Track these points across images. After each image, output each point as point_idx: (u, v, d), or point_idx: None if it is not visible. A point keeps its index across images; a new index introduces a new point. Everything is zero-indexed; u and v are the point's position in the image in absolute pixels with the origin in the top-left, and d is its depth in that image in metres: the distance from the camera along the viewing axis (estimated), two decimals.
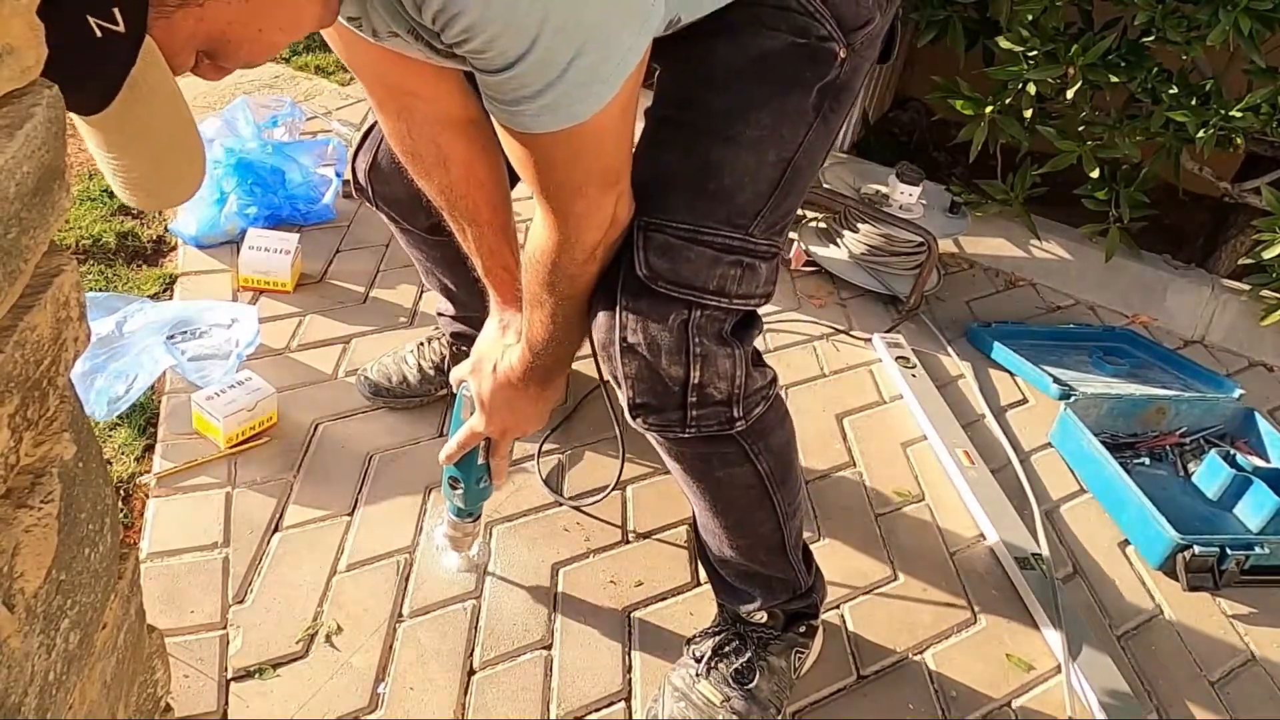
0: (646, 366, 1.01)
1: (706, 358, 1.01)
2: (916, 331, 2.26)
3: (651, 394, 1.03)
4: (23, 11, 0.54)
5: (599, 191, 0.95)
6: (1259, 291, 2.36)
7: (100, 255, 2.03)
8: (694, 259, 0.99)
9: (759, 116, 1.00)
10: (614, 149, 0.93)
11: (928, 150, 3.18)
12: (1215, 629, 1.61)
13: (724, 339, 1.03)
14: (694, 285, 1.00)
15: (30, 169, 0.57)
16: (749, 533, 1.21)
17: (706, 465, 1.12)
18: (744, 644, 1.30)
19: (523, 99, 0.85)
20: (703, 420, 1.05)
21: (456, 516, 1.40)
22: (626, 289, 1.00)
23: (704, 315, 1.01)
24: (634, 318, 1.00)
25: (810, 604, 1.33)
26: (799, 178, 1.05)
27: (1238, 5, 2.00)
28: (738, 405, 1.05)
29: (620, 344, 1.01)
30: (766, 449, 1.13)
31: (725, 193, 1.01)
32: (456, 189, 1.24)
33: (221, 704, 1.24)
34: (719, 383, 1.03)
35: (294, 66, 3.09)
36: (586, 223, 0.97)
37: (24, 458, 0.61)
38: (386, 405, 1.73)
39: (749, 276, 1.02)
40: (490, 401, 1.21)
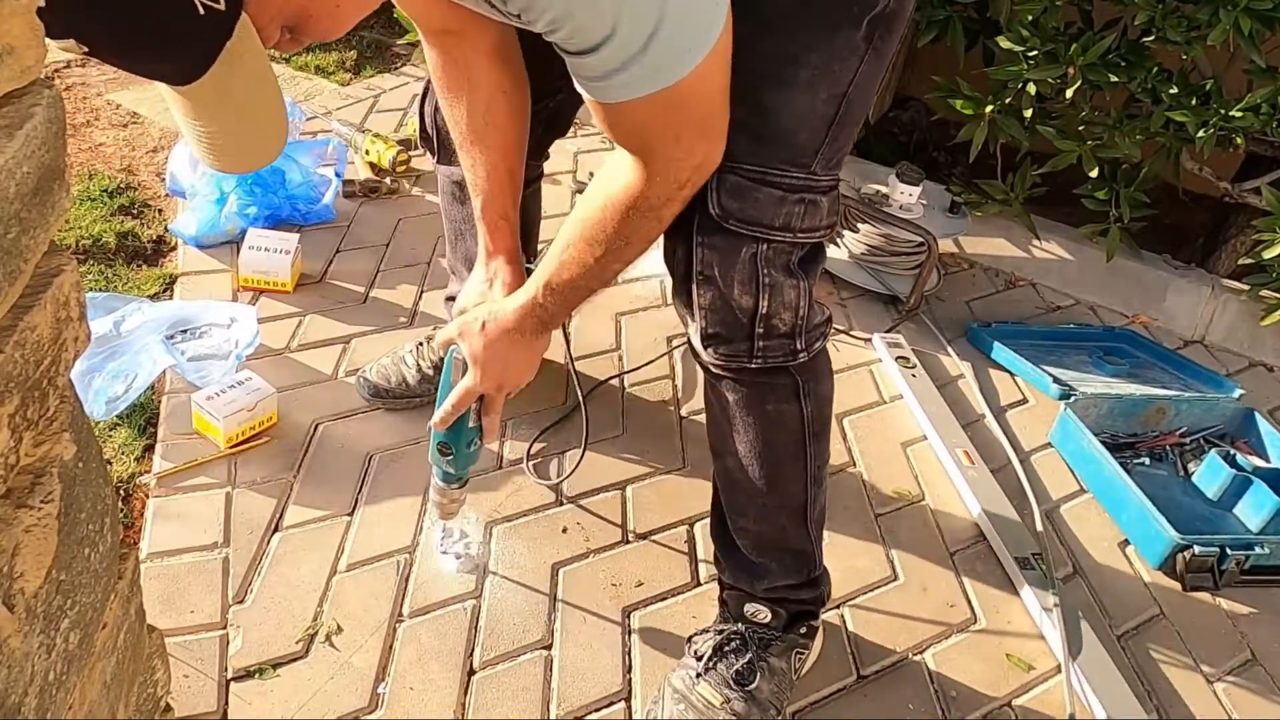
0: (720, 297, 1.09)
1: (774, 288, 1.09)
2: (916, 331, 2.26)
3: (723, 324, 1.11)
4: (23, 11, 0.54)
5: (696, 137, 0.99)
6: (1259, 291, 2.36)
7: (100, 255, 2.03)
8: (761, 199, 1.05)
9: (809, 57, 1.02)
10: (709, 103, 0.97)
11: (928, 150, 3.18)
12: (1215, 629, 1.61)
13: (791, 270, 1.10)
14: (761, 223, 1.06)
15: (30, 169, 0.57)
16: (778, 489, 1.24)
17: (761, 398, 1.18)
18: (745, 644, 1.30)
19: (610, 72, 0.89)
20: (768, 351, 1.13)
21: (444, 483, 1.36)
22: (702, 227, 1.07)
23: (772, 249, 1.08)
24: (710, 252, 1.07)
25: (816, 597, 1.34)
26: (853, 110, 1.08)
27: (1238, 5, 2.00)
28: (800, 337, 1.13)
29: (698, 276, 1.09)
30: (815, 393, 1.20)
31: (785, 135, 1.04)
32: (474, 118, 1.28)
33: (221, 704, 1.24)
34: (784, 313, 1.11)
35: (294, 66, 3.09)
36: (677, 165, 1.00)
37: (24, 458, 0.61)
38: (386, 407, 1.73)
39: (811, 211, 1.08)
40: (484, 356, 1.20)
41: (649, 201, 1.02)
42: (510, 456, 1.69)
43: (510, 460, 1.69)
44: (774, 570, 1.28)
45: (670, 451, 1.76)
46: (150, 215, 2.23)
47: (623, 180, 1.02)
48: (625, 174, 1.02)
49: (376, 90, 2.99)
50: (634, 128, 0.97)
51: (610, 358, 1.99)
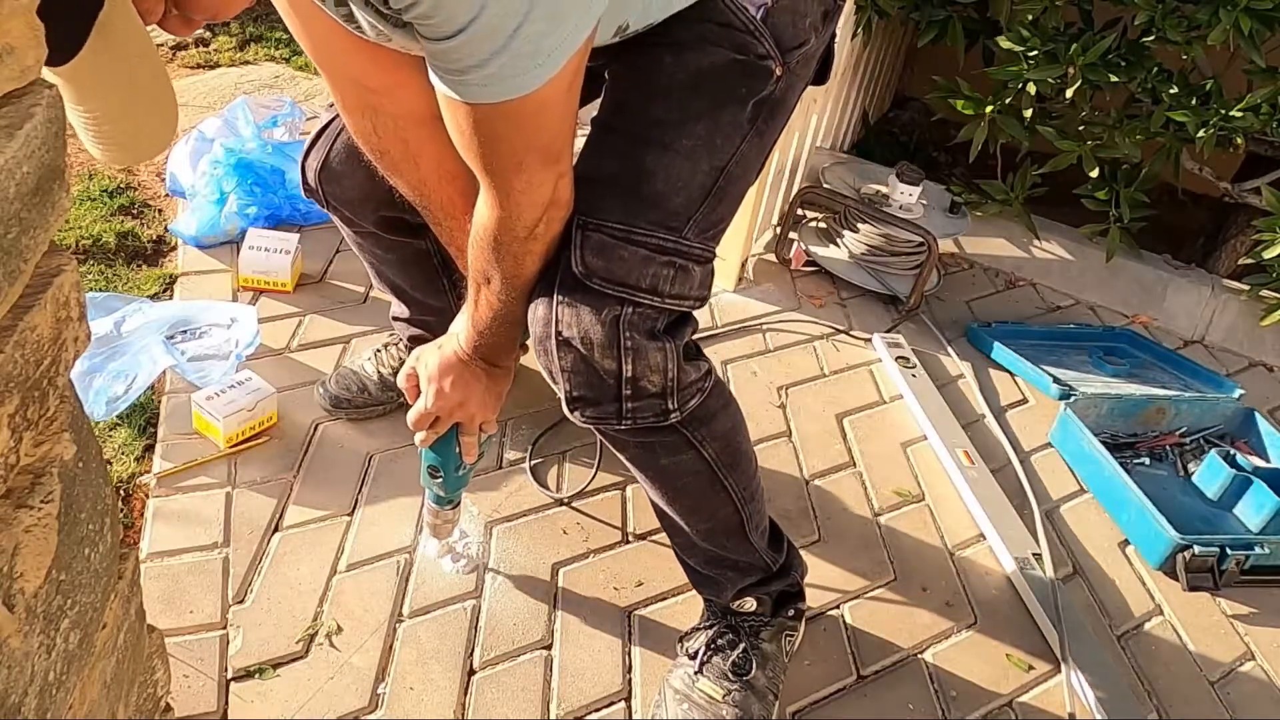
0: (581, 360, 1.05)
1: (638, 351, 1.04)
2: (916, 331, 2.26)
3: (587, 386, 1.06)
4: (22, 11, 0.54)
5: (540, 166, 0.98)
6: (1259, 291, 2.36)
7: (100, 255, 2.03)
8: (627, 258, 1.03)
9: (695, 127, 1.05)
10: (556, 126, 0.96)
11: (928, 150, 3.19)
12: (1215, 629, 1.61)
13: (655, 335, 1.06)
14: (626, 283, 1.03)
15: (30, 169, 0.57)
16: (707, 517, 1.23)
17: (651, 454, 1.15)
18: (737, 635, 1.31)
19: (469, 68, 0.87)
20: (638, 412, 1.08)
21: (436, 504, 1.38)
22: (563, 285, 1.04)
23: (636, 312, 1.04)
24: (569, 311, 1.04)
25: (792, 583, 1.35)
26: (732, 185, 1.10)
27: (1238, 5, 2.00)
28: (672, 397, 1.08)
29: (555, 337, 1.05)
30: (710, 435, 1.16)
31: (659, 197, 1.04)
32: (428, 183, 1.25)
33: (221, 704, 1.24)
34: (651, 376, 1.06)
35: (294, 66, 3.09)
36: (526, 199, 0.99)
37: (24, 458, 0.61)
38: (348, 416, 1.70)
39: (681, 278, 1.06)
40: (436, 377, 1.19)
41: (512, 233, 1.02)
42: (510, 456, 1.69)
43: (510, 460, 1.69)
44: (731, 578, 1.29)
45: None
46: (150, 215, 2.23)
47: (483, 215, 1.03)
48: (482, 209, 1.03)
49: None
50: (484, 140, 0.95)
51: None
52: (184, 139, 2.32)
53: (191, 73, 2.98)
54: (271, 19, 3.46)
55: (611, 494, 1.65)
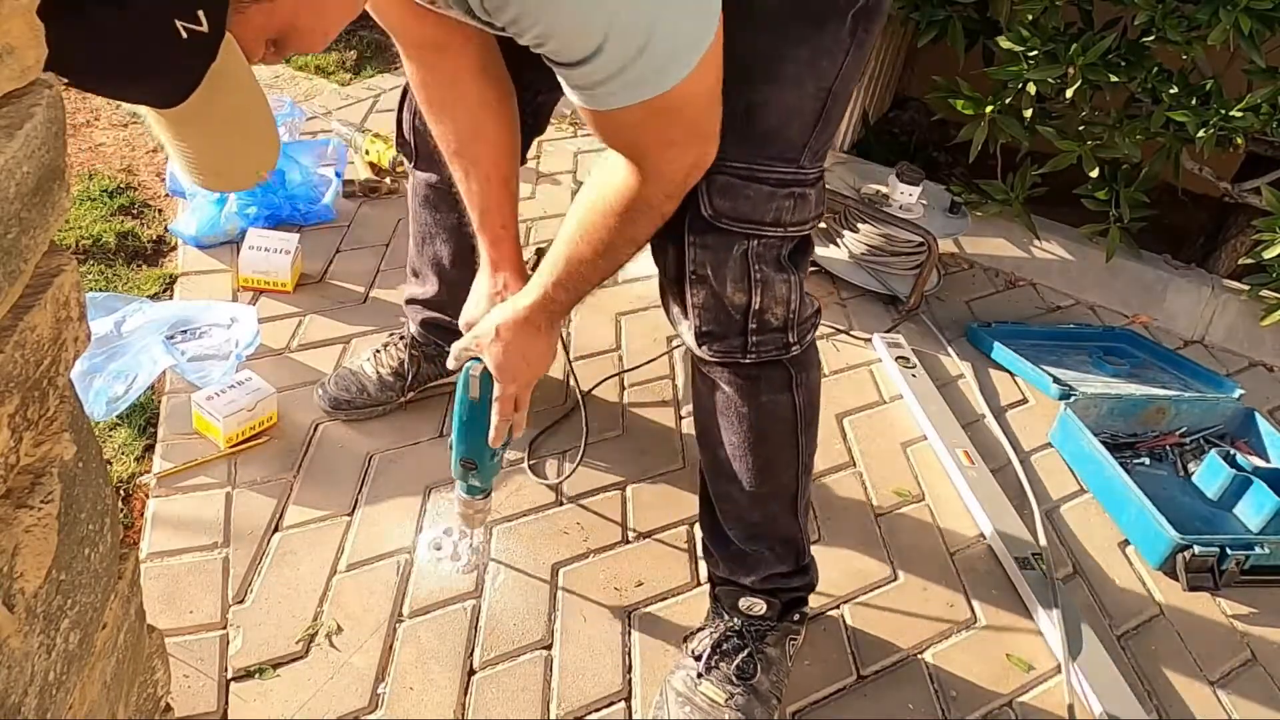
0: (713, 295, 1.11)
1: (766, 283, 1.10)
2: (916, 331, 2.26)
3: (716, 322, 1.13)
4: (23, 11, 0.54)
5: (689, 139, 0.99)
6: (1259, 291, 2.36)
7: (100, 255, 2.03)
8: (752, 195, 1.06)
9: (797, 52, 1.04)
10: (700, 108, 0.97)
11: (928, 150, 3.18)
12: (1215, 629, 1.61)
13: (781, 265, 1.12)
14: (752, 219, 1.07)
15: (30, 169, 0.57)
16: (770, 477, 1.26)
17: (755, 389, 1.20)
18: (742, 639, 1.31)
19: (598, 83, 0.89)
20: (762, 346, 1.14)
21: (470, 495, 1.37)
22: (693, 227, 1.08)
23: (762, 244, 1.09)
24: (701, 251, 1.09)
25: (806, 584, 1.36)
26: (838, 103, 1.10)
27: (1238, 5, 2.00)
28: (792, 330, 1.15)
29: (690, 276, 1.11)
30: (806, 382, 1.22)
31: (773, 131, 1.06)
32: (462, 134, 1.28)
33: (221, 704, 1.24)
34: (776, 308, 1.12)
35: (294, 66, 3.09)
36: (671, 167, 1.01)
37: (24, 458, 0.61)
38: (347, 418, 1.70)
39: (801, 205, 1.09)
40: (505, 361, 1.21)
41: (647, 202, 1.03)
42: (510, 457, 1.69)
43: (510, 460, 1.69)
44: (766, 558, 1.30)
45: (670, 451, 1.76)
46: (150, 215, 2.23)
47: (619, 183, 1.03)
48: (621, 176, 1.02)
49: (376, 90, 2.99)
50: (626, 134, 0.97)
51: (610, 357, 1.99)
52: None
53: None
54: None
55: (612, 494, 1.65)
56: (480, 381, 1.25)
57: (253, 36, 0.80)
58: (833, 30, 1.03)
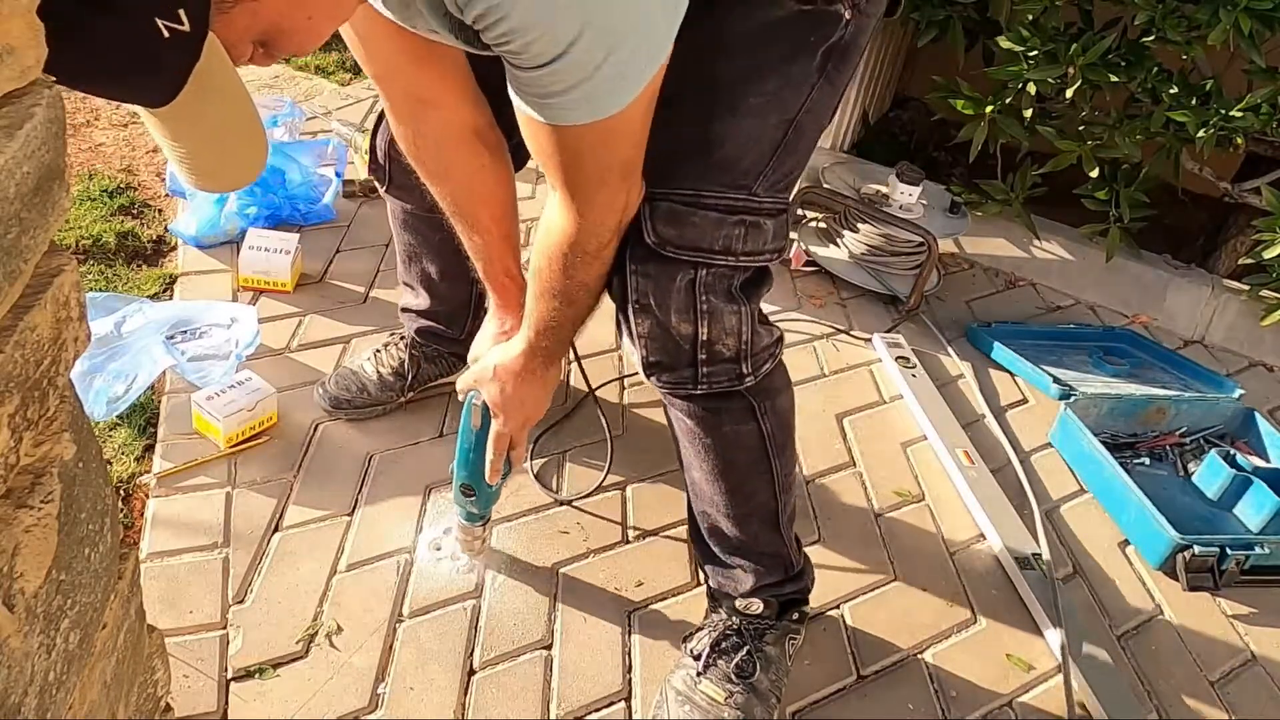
0: (658, 325, 1.09)
1: (713, 314, 1.08)
2: (916, 331, 2.26)
3: (664, 352, 1.11)
4: (23, 11, 0.54)
5: (620, 180, 0.99)
6: (1259, 291, 2.36)
7: (100, 255, 2.03)
8: (698, 222, 1.04)
9: (763, 84, 1.03)
10: (637, 139, 0.97)
11: (928, 150, 3.18)
12: (1215, 629, 1.61)
13: (731, 296, 1.09)
14: (700, 247, 1.05)
15: (30, 169, 0.57)
16: (745, 500, 1.25)
17: (716, 420, 1.18)
18: (741, 638, 1.31)
19: (554, 94, 0.88)
20: (713, 377, 1.12)
21: (469, 522, 1.42)
22: (634, 255, 1.06)
23: (710, 274, 1.06)
24: (644, 280, 1.07)
25: (802, 588, 1.36)
26: (802, 136, 1.08)
27: (1238, 5, 2.00)
28: (746, 361, 1.12)
29: (633, 305, 1.08)
30: (772, 409, 1.19)
31: (727, 160, 1.05)
32: (458, 197, 1.29)
33: (221, 704, 1.24)
34: (726, 339, 1.09)
35: (294, 66, 3.09)
36: (607, 209, 1.01)
37: (24, 458, 0.61)
38: (348, 417, 1.70)
39: (754, 234, 1.07)
40: (503, 401, 1.25)
41: (583, 247, 1.04)
42: None
43: None
44: (753, 572, 1.30)
45: (670, 451, 1.74)
46: (150, 215, 2.23)
47: (557, 230, 1.04)
48: (558, 223, 1.03)
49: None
50: (568, 159, 0.96)
51: (610, 357, 1.99)
52: None
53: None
54: None
55: (611, 494, 1.65)
56: (481, 412, 1.29)
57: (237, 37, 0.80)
58: (802, 63, 1.03)
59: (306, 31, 0.86)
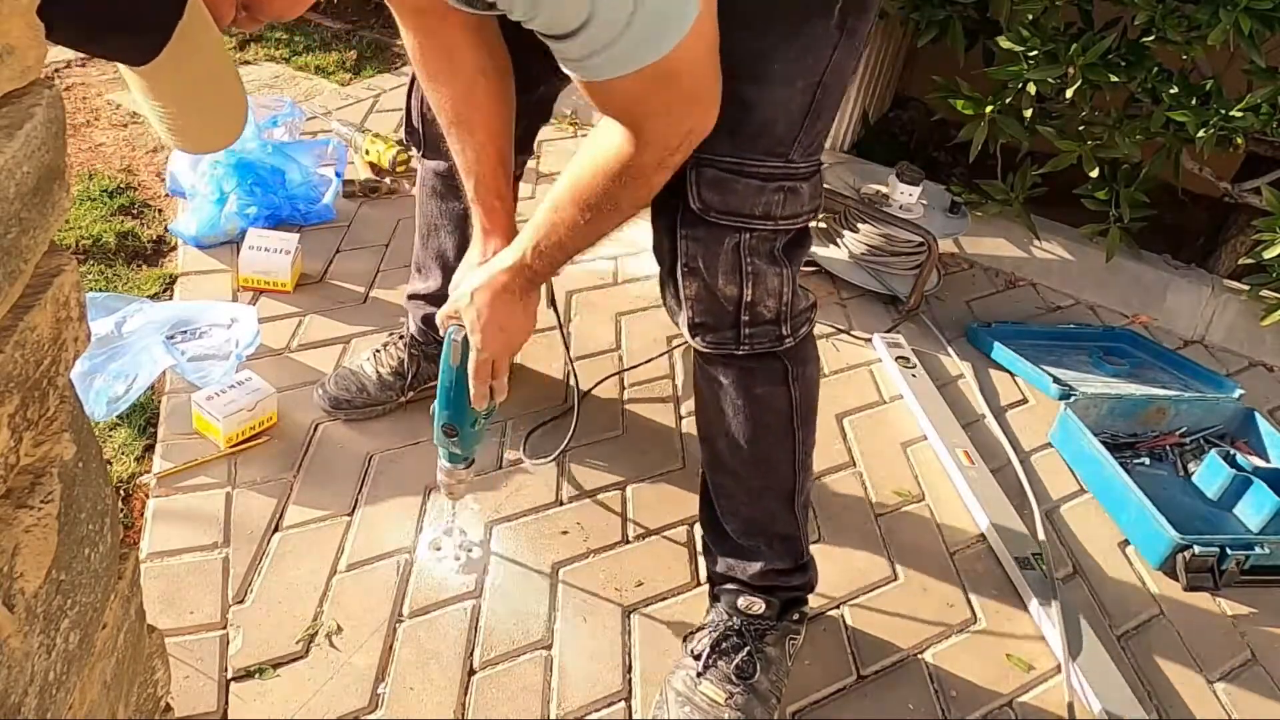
0: (705, 287, 1.13)
1: (758, 276, 1.12)
2: (916, 331, 2.26)
3: (709, 313, 1.15)
4: (23, 11, 0.54)
5: (685, 108, 0.99)
6: (1259, 291, 2.35)
7: (100, 255, 2.03)
8: (740, 189, 1.08)
9: (784, 50, 1.04)
10: (698, 73, 0.97)
11: (928, 150, 3.18)
12: (1215, 629, 1.61)
13: (774, 258, 1.13)
14: (742, 213, 1.09)
15: (30, 169, 0.57)
16: (767, 471, 1.27)
17: (751, 381, 1.21)
18: (742, 638, 1.31)
19: (589, 54, 0.89)
20: (755, 338, 1.16)
21: (451, 464, 1.36)
22: (684, 220, 1.11)
23: (754, 237, 1.11)
24: (694, 244, 1.11)
25: (805, 583, 1.36)
26: (829, 95, 1.10)
27: (1238, 5, 2.00)
28: (785, 323, 1.17)
29: (682, 268, 1.13)
30: (803, 376, 1.23)
31: (763, 127, 1.07)
32: (458, 104, 1.27)
33: (221, 704, 1.24)
34: (769, 300, 1.14)
35: (294, 66, 3.09)
36: (668, 133, 1.00)
37: (24, 458, 0.61)
38: (347, 417, 1.70)
39: (792, 199, 1.11)
40: (481, 322, 1.19)
41: (641, 168, 1.02)
42: (510, 456, 1.69)
43: (510, 460, 1.69)
44: (764, 554, 1.30)
45: (670, 451, 1.76)
46: (150, 215, 2.23)
47: (614, 147, 1.02)
48: (617, 141, 1.01)
49: (376, 90, 2.99)
50: (624, 103, 0.97)
51: (610, 357, 1.99)
52: None
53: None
54: None
55: (612, 494, 1.65)
56: (462, 347, 1.23)
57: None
58: (820, 24, 1.04)
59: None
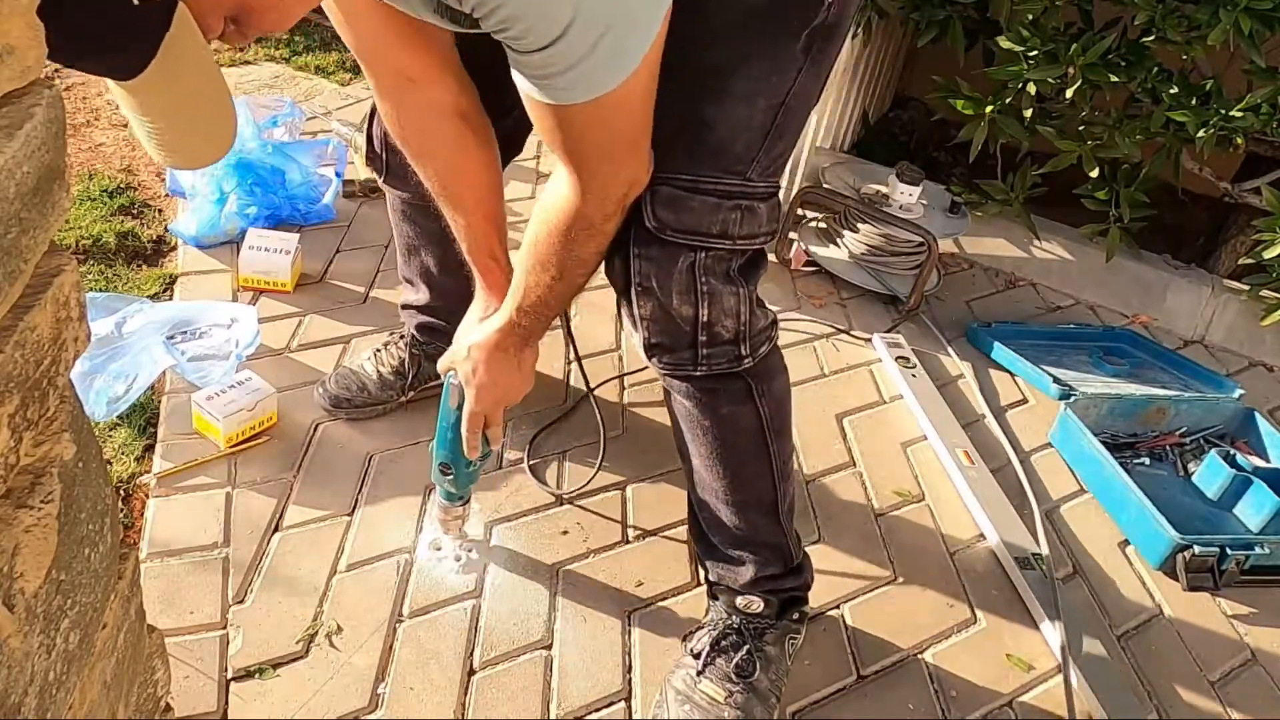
0: (659, 307, 1.11)
1: (713, 296, 1.11)
2: (916, 331, 2.26)
3: (665, 334, 1.13)
4: (23, 11, 0.54)
5: (626, 154, 1.01)
6: (1259, 291, 2.36)
7: (100, 255, 2.03)
8: (696, 207, 1.07)
9: (748, 70, 1.05)
10: (641, 114, 0.98)
11: (928, 150, 3.18)
12: (1215, 629, 1.61)
13: (730, 278, 1.12)
14: (698, 231, 1.08)
15: (30, 169, 0.57)
16: (744, 486, 1.26)
17: (714, 402, 1.20)
18: (741, 637, 1.31)
19: (553, 74, 0.90)
20: (713, 359, 1.14)
21: (447, 501, 1.43)
22: (637, 239, 1.09)
23: (709, 256, 1.09)
24: (647, 264, 1.10)
25: (802, 583, 1.36)
26: (791, 119, 1.10)
27: (1238, 5, 2.00)
28: (744, 343, 1.15)
29: (636, 288, 1.11)
30: (769, 392, 1.21)
31: (721, 145, 1.07)
32: (443, 177, 1.29)
33: (221, 704, 1.24)
34: (725, 320, 1.12)
35: (294, 66, 3.09)
36: (612, 182, 1.02)
37: (24, 458, 0.61)
38: (348, 416, 1.70)
39: (749, 218, 1.10)
40: (476, 379, 1.25)
41: (588, 220, 1.05)
42: (510, 457, 1.70)
43: (510, 460, 1.69)
44: (753, 563, 1.30)
45: (669, 451, 1.75)
46: (150, 215, 2.23)
47: (561, 202, 1.05)
48: (563, 196, 1.04)
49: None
50: (572, 136, 0.98)
51: (610, 357, 1.99)
52: None
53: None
54: None
55: (611, 494, 1.65)
56: (459, 392, 1.29)
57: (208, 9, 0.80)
58: (786, 46, 1.05)
59: (278, 10, 0.86)
